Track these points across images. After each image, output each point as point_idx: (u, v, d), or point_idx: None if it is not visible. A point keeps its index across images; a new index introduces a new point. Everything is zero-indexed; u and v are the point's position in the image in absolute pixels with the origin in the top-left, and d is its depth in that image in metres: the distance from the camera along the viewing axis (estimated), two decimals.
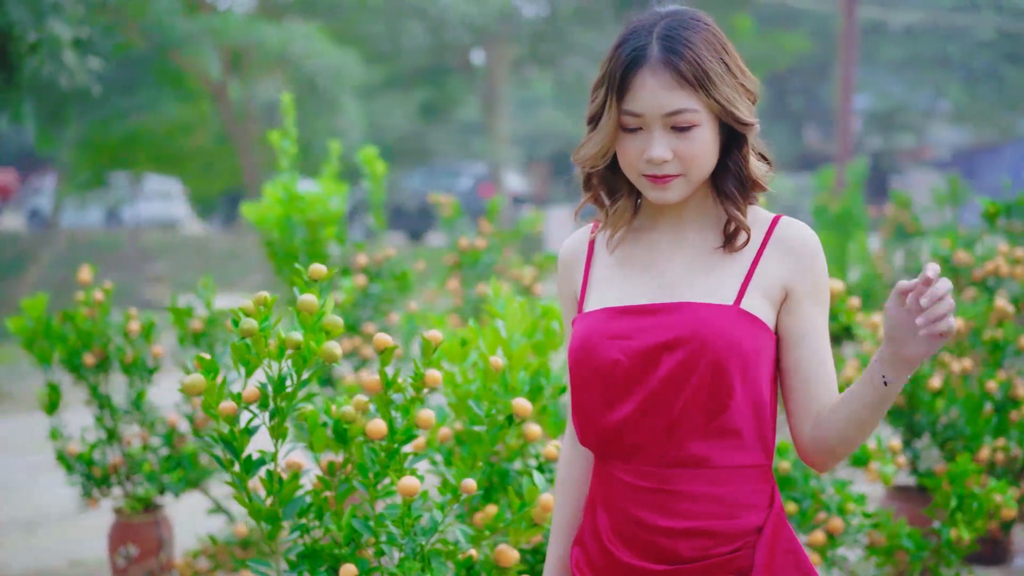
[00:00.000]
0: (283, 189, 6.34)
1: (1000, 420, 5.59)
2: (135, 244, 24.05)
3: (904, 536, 4.60)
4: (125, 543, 5.67)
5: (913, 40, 37.91)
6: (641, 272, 2.57)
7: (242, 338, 2.98)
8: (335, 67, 20.88)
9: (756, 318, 2.43)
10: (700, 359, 2.39)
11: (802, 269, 2.48)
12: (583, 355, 2.51)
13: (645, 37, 2.43)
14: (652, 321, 2.46)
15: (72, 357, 5.59)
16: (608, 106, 2.45)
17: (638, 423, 2.45)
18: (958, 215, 12.83)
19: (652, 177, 2.44)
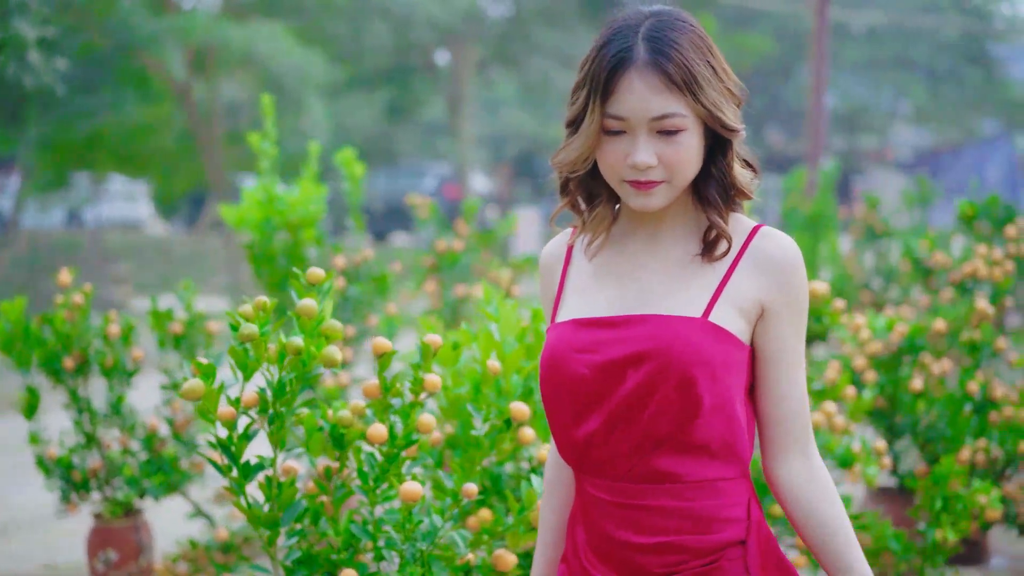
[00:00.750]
0: (263, 191, 6.30)
1: (980, 421, 5.63)
2: (97, 245, 23.87)
3: (890, 538, 4.63)
4: (104, 548, 5.63)
5: (876, 41, 38.13)
6: (614, 282, 2.51)
7: (241, 343, 2.96)
8: (300, 67, 20.82)
9: (725, 331, 2.36)
10: (665, 373, 2.33)
11: (778, 285, 2.41)
12: (551, 369, 2.47)
13: (631, 38, 2.35)
14: (617, 334, 2.41)
15: (51, 361, 5.53)
16: (591, 109, 2.37)
17: (606, 438, 2.40)
18: (926, 216, 12.89)
19: (635, 183, 2.38)
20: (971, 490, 4.55)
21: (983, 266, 6.27)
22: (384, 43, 26.03)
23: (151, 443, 5.66)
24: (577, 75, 2.43)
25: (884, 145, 42.45)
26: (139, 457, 5.69)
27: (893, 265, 10.84)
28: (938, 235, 10.03)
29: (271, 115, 6.41)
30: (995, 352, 5.98)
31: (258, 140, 6.41)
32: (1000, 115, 39.74)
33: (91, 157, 23.21)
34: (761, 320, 2.42)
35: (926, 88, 38.43)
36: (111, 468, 5.67)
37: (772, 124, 42.23)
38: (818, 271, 11.04)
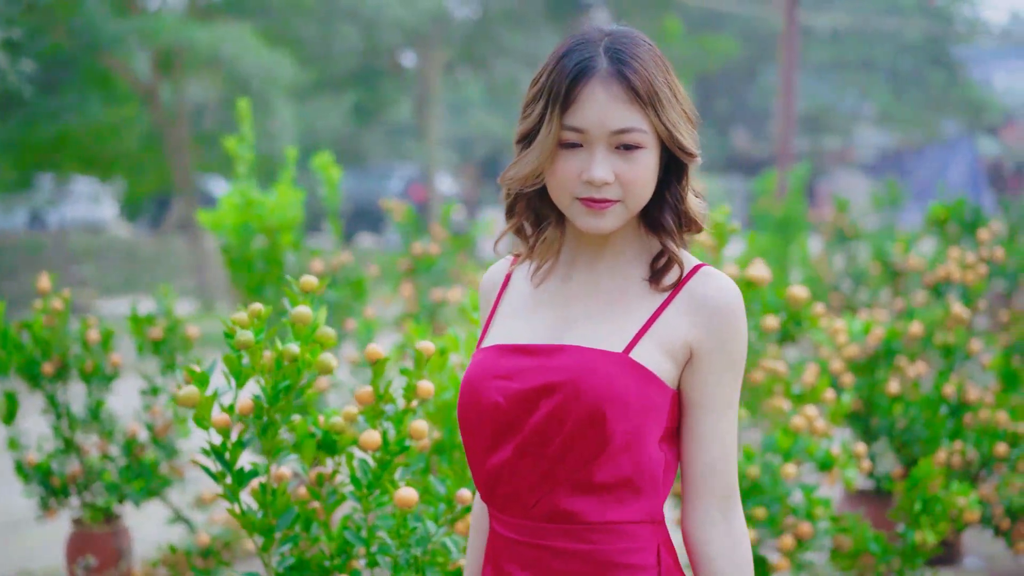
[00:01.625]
0: (240, 196, 6.30)
1: (955, 423, 5.69)
2: (60, 247, 23.73)
3: (870, 540, 4.68)
4: (84, 554, 5.61)
5: (839, 43, 38.35)
6: (546, 309, 2.42)
7: (236, 350, 2.97)
8: (267, 69, 20.76)
9: (646, 370, 2.26)
10: (574, 406, 2.23)
11: (711, 331, 2.30)
12: (468, 395, 2.38)
13: (592, 50, 2.29)
14: (535, 362, 2.32)
15: (30, 366, 5.51)
16: (547, 119, 2.27)
17: (513, 471, 2.32)
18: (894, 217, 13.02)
19: (588, 201, 2.27)
20: (950, 492, 4.60)
21: (956, 269, 6.33)
22: (352, 45, 26.02)
23: (131, 448, 5.65)
24: (530, 90, 2.34)
25: (847, 146, 42.69)
26: (118, 462, 5.68)
27: (863, 267, 10.93)
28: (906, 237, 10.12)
29: (248, 119, 6.40)
30: (968, 355, 6.06)
31: (234, 144, 6.40)
32: (962, 117, 40.03)
33: (56, 158, 23.07)
34: (689, 364, 2.31)
35: (889, 89, 38.67)
36: (90, 474, 5.65)
37: (737, 125, 42.40)
38: (788, 273, 11.11)
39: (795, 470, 4.55)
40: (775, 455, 4.62)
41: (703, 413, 2.31)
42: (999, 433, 5.44)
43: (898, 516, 4.70)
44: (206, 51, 20.00)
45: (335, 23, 25.40)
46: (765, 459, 4.60)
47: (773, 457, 4.61)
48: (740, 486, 4.47)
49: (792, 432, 4.65)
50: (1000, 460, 5.43)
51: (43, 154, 22.36)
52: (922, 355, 6.17)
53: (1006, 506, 5.27)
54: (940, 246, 8.21)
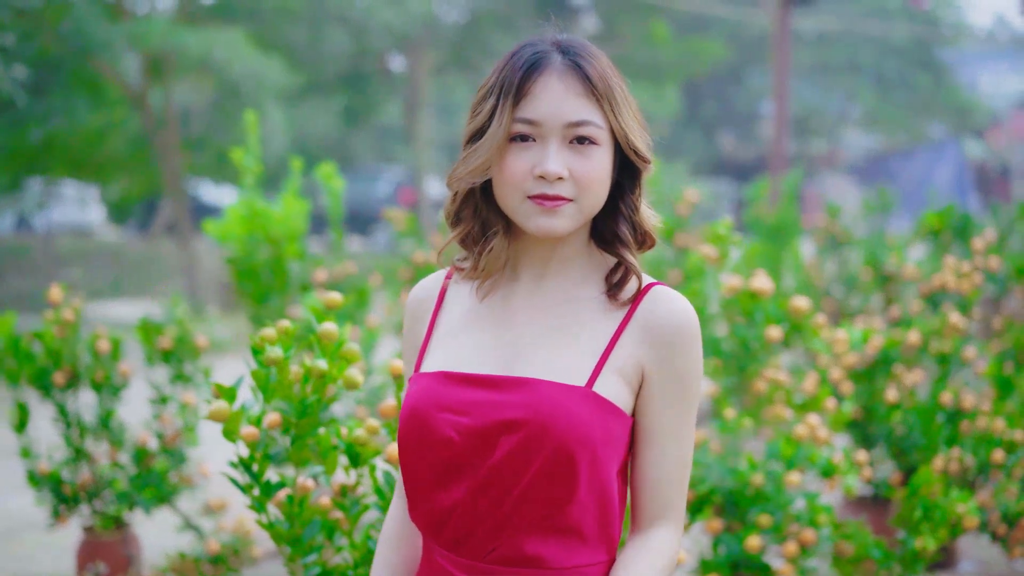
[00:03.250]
0: (246, 207, 6.38)
1: (951, 431, 5.79)
2: (47, 250, 23.74)
3: (872, 546, 4.76)
4: (94, 561, 5.68)
5: (826, 46, 38.51)
6: (492, 330, 2.31)
7: (264, 366, 3.05)
8: (257, 73, 20.80)
9: (609, 403, 2.18)
10: (540, 446, 2.13)
11: (662, 356, 2.22)
12: (413, 426, 2.25)
13: (545, 47, 2.24)
14: (492, 396, 2.20)
15: (41, 376, 5.58)
16: (499, 112, 2.20)
17: (468, 511, 2.20)
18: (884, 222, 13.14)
19: (540, 198, 2.18)
20: (949, 499, 4.69)
21: (952, 279, 6.43)
22: (341, 49, 26.06)
23: (141, 457, 5.72)
24: (479, 92, 2.28)
25: (834, 149, 42.83)
26: (128, 471, 5.75)
27: (854, 273, 11.03)
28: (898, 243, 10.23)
29: (254, 131, 6.48)
30: (963, 362, 6.16)
31: (240, 156, 6.47)
32: (948, 119, 40.22)
33: (45, 162, 23.07)
34: (641, 390, 2.23)
35: (875, 92, 38.84)
36: (100, 482, 5.72)
37: (724, 129, 42.51)
38: (782, 279, 11.19)
39: (798, 478, 4.63)
40: (778, 463, 4.70)
41: (652, 439, 2.24)
42: (996, 440, 5.52)
43: (899, 523, 4.78)
44: (196, 56, 20.03)
45: (324, 27, 25.45)
46: (769, 467, 4.69)
47: (777, 465, 4.69)
48: (744, 494, 4.58)
49: (794, 441, 4.74)
50: (997, 467, 5.51)
51: (32, 158, 22.37)
52: (919, 363, 6.27)
53: (1002, 512, 5.35)
54: (933, 254, 8.33)
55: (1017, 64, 43.71)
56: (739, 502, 4.65)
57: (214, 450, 6.93)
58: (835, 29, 37.38)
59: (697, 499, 4.66)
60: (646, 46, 32.84)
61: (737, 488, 4.64)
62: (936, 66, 39.44)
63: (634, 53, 32.88)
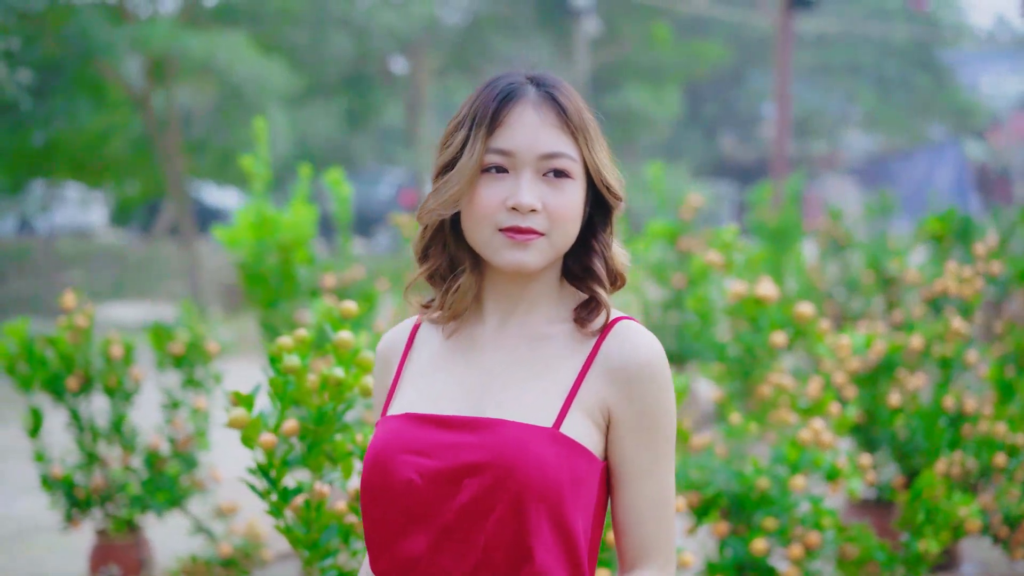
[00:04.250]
0: (255, 213, 6.44)
1: (954, 434, 5.85)
2: (48, 252, 23.79)
3: (876, 549, 4.83)
4: (107, 563, 5.75)
5: (825, 47, 38.56)
6: (459, 370, 2.25)
7: (282, 374, 3.12)
8: (260, 76, 20.87)
9: (577, 444, 2.11)
10: (505, 489, 2.07)
11: (627, 395, 2.15)
12: (375, 470, 2.18)
13: (519, 79, 2.21)
14: (456, 438, 2.14)
15: (54, 381, 5.65)
16: (471, 142, 2.15)
17: (433, 561, 2.13)
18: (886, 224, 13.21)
19: (512, 231, 2.13)
20: (952, 502, 4.75)
21: (954, 284, 6.48)
22: (343, 52, 26.13)
23: (153, 461, 5.79)
24: (450, 124, 2.23)
25: (835, 151, 42.89)
26: (140, 475, 5.82)
27: (856, 276, 11.10)
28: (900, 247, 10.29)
29: (263, 137, 6.54)
30: (965, 367, 6.22)
31: (250, 162, 6.54)
32: (948, 121, 40.26)
33: (48, 165, 23.13)
34: (610, 431, 2.17)
35: (876, 94, 38.87)
36: (112, 485, 5.79)
37: (725, 130, 42.56)
38: (784, 282, 11.25)
39: (803, 481, 4.70)
40: (783, 467, 4.77)
41: (625, 481, 2.18)
42: (998, 444, 5.58)
43: (902, 525, 4.85)
44: (199, 58, 20.10)
45: (326, 30, 25.52)
46: (774, 471, 4.75)
47: (782, 469, 4.76)
48: (750, 497, 4.64)
49: (799, 445, 4.80)
50: (998, 470, 5.57)
51: (35, 160, 22.43)
52: (921, 368, 6.32)
53: (1004, 514, 5.40)
54: (935, 258, 8.40)
55: (1017, 65, 43.76)
56: (745, 505, 4.72)
57: (225, 454, 7.00)
58: (835, 30, 37.44)
59: (703, 503, 4.73)
60: (647, 48, 32.93)
61: (743, 492, 4.70)
62: (936, 67, 39.47)
63: (635, 55, 32.98)
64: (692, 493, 4.71)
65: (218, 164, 23.24)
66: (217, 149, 22.60)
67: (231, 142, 22.09)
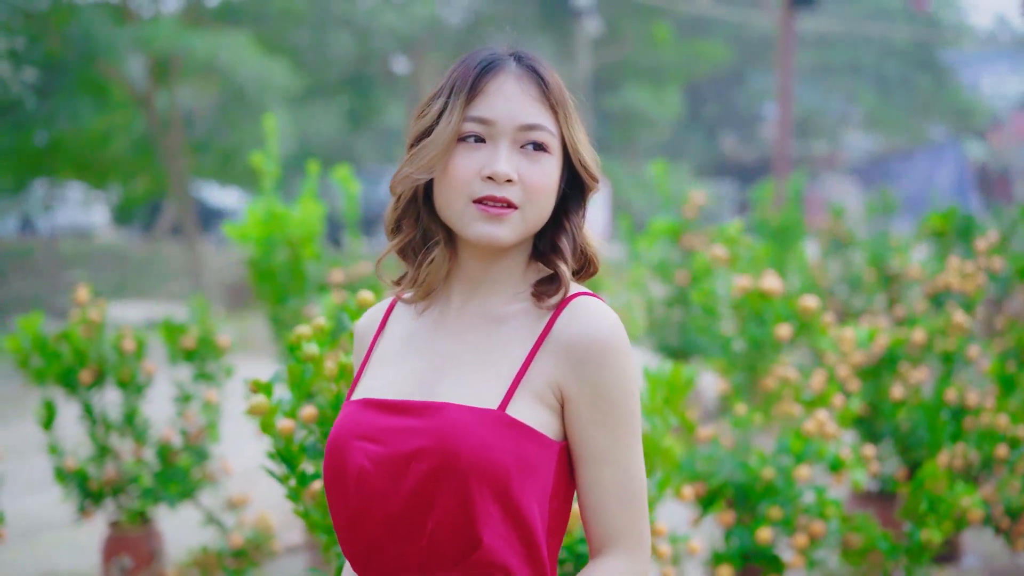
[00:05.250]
0: (264, 209, 6.51)
1: (956, 427, 5.92)
2: (50, 252, 23.84)
3: (879, 538, 4.90)
4: (119, 554, 5.82)
5: (826, 47, 38.61)
6: (418, 353, 2.21)
7: (300, 362, 3.19)
8: (263, 76, 20.93)
9: (525, 426, 2.05)
10: (448, 475, 2.02)
11: (580, 375, 2.08)
12: (332, 456, 2.15)
13: (500, 52, 2.18)
14: (404, 423, 2.09)
15: (67, 375, 5.72)
16: (448, 110, 2.12)
17: (385, 548, 2.10)
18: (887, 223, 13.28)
19: (487, 201, 2.09)
20: (954, 493, 4.82)
21: (956, 279, 6.55)
22: (345, 52, 26.21)
23: (165, 453, 5.86)
24: (428, 96, 2.21)
25: (835, 151, 42.92)
26: (152, 467, 5.89)
27: (858, 273, 11.16)
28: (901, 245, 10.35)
29: (273, 136, 6.61)
30: (967, 361, 6.28)
31: (260, 159, 6.61)
32: (949, 121, 40.31)
33: (50, 164, 23.18)
34: (565, 412, 2.10)
35: (876, 94, 38.92)
36: (125, 478, 5.85)
37: (726, 130, 42.63)
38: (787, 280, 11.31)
39: (807, 472, 4.76)
40: (788, 457, 4.83)
41: (584, 463, 2.11)
42: (999, 436, 5.64)
43: (905, 515, 4.91)
44: (202, 58, 20.16)
45: (329, 30, 25.62)
46: (779, 462, 4.82)
47: (786, 460, 4.82)
48: (755, 487, 4.71)
49: (803, 436, 4.86)
50: (1000, 462, 5.63)
51: (37, 160, 22.49)
52: (923, 362, 6.39)
53: (1006, 506, 5.46)
54: (937, 255, 8.48)
55: (1018, 65, 43.81)
56: (750, 495, 4.79)
57: (235, 447, 7.07)
58: (836, 30, 37.50)
59: (709, 492, 4.80)
60: (648, 48, 33.01)
61: (748, 482, 4.77)
62: (937, 67, 39.53)
63: (637, 55, 33.05)
64: (698, 483, 4.78)
65: (220, 164, 23.30)
66: (220, 149, 22.66)
67: (234, 142, 22.15)
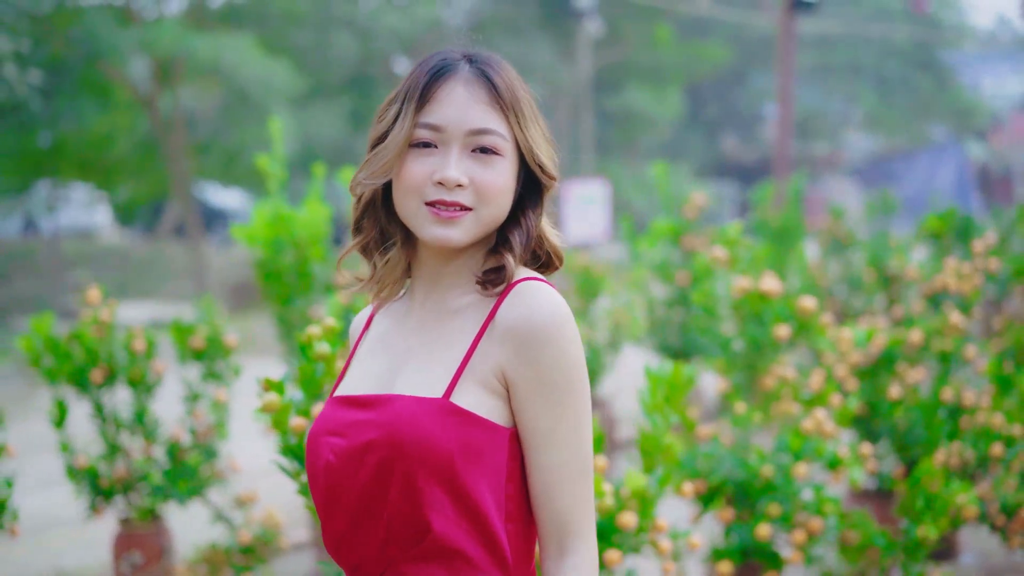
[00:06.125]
0: (272, 211, 6.59)
1: (952, 426, 6.00)
2: (53, 252, 23.92)
3: (876, 535, 4.98)
4: (129, 551, 5.91)
5: (826, 48, 38.66)
6: (384, 350, 2.26)
7: (312, 361, 3.29)
8: (266, 77, 21.01)
9: (469, 413, 2.07)
10: (397, 465, 2.05)
11: (521, 358, 2.09)
12: (308, 453, 2.22)
13: (454, 56, 2.20)
14: (363, 416, 2.14)
15: (79, 374, 5.81)
16: (402, 116, 2.15)
17: (352, 539, 2.15)
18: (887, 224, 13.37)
19: (438, 205, 2.12)
20: (950, 490, 4.90)
21: (953, 280, 6.64)
22: (347, 53, 26.30)
23: (174, 451, 5.95)
24: (387, 99, 2.24)
25: (836, 151, 42.98)
26: (162, 465, 5.98)
27: (858, 274, 11.24)
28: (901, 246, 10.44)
29: (279, 138, 6.69)
30: (964, 361, 6.37)
31: (266, 161, 6.69)
32: (950, 121, 40.36)
33: (53, 165, 23.25)
34: (511, 397, 2.11)
35: (877, 94, 38.96)
36: (135, 475, 5.94)
37: (726, 130, 42.70)
38: (787, 280, 11.40)
39: (806, 470, 4.85)
40: (787, 455, 4.92)
41: (529, 449, 2.12)
42: (995, 435, 5.71)
43: (902, 512, 5.00)
44: (206, 60, 20.23)
45: (331, 31, 25.72)
46: (778, 460, 4.90)
47: (785, 458, 4.91)
48: (754, 485, 4.80)
49: (802, 434, 4.95)
50: (995, 460, 5.70)
51: (41, 161, 22.56)
52: (921, 362, 6.47)
53: (1001, 503, 5.53)
54: (935, 256, 8.56)
55: (1019, 65, 43.87)
56: (749, 492, 4.88)
57: (243, 445, 7.16)
58: (837, 31, 37.55)
59: (709, 490, 4.89)
60: (649, 49, 33.06)
61: (747, 479, 4.86)
62: (938, 68, 39.59)
63: (637, 56, 33.11)
64: (699, 481, 4.87)
65: (223, 165, 23.38)
66: (222, 150, 22.73)
67: (236, 143, 22.24)
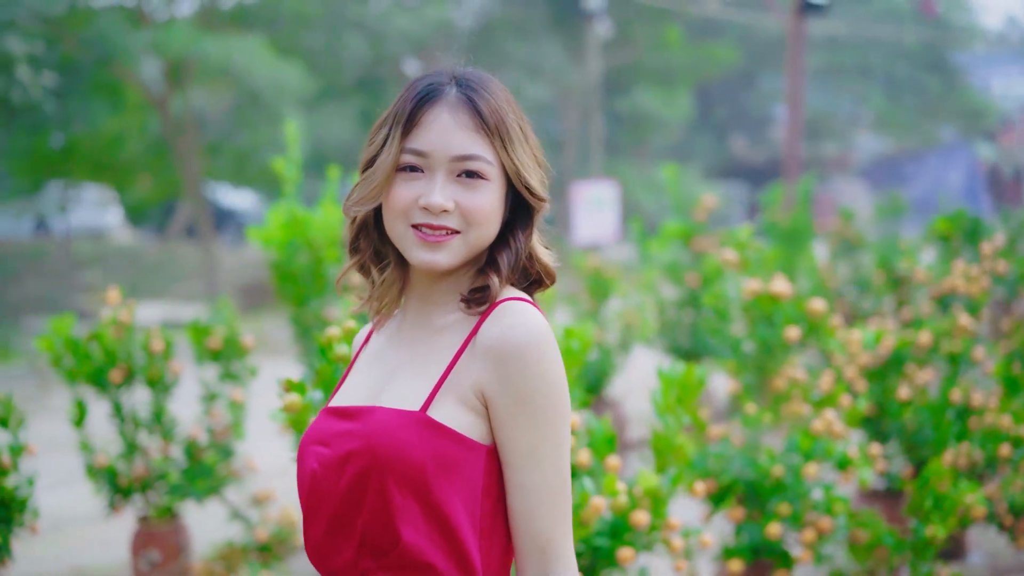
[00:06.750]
0: (287, 213, 6.66)
1: (960, 427, 6.05)
2: (65, 253, 23.99)
3: (885, 534, 5.04)
4: (148, 548, 5.98)
5: (836, 49, 38.64)
6: (374, 364, 2.30)
7: (331, 363, 3.36)
8: (277, 79, 21.08)
9: (445, 428, 2.09)
10: (372, 475, 2.08)
11: (499, 377, 2.11)
12: (298, 460, 2.25)
13: (443, 79, 2.22)
14: (345, 427, 2.17)
15: (98, 375, 5.88)
16: (389, 141, 2.17)
17: (330, 547, 2.18)
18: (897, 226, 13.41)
19: (425, 230, 2.15)
20: (958, 490, 4.95)
21: (961, 282, 6.68)
22: (358, 55, 26.37)
23: (192, 451, 6.03)
24: (379, 119, 2.26)
25: (845, 152, 42.96)
26: (179, 464, 6.06)
27: (867, 276, 11.29)
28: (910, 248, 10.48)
29: (295, 140, 6.75)
30: (972, 362, 6.42)
31: (282, 164, 6.76)
32: (959, 122, 40.31)
33: (65, 166, 23.33)
34: (490, 413, 2.13)
35: (886, 96, 38.91)
36: (153, 474, 6.01)
37: (735, 131, 42.70)
38: (797, 282, 11.46)
39: (816, 469, 4.91)
40: (797, 456, 4.98)
41: (508, 467, 2.13)
42: (1003, 436, 5.75)
43: (911, 512, 5.05)
44: (217, 62, 20.31)
45: (341, 33, 25.79)
46: (788, 460, 4.96)
47: (795, 458, 4.97)
48: (765, 484, 4.86)
49: (812, 435, 5.01)
50: (1004, 461, 5.74)
51: (53, 162, 22.65)
52: (929, 363, 6.52)
53: (1009, 504, 5.57)
54: (943, 258, 8.61)
55: None
56: (760, 492, 4.94)
57: (260, 445, 7.23)
58: (846, 32, 37.53)
59: (720, 489, 4.95)
60: (659, 50, 33.09)
61: (758, 479, 4.92)
62: (947, 69, 39.54)
63: (647, 58, 33.14)
64: (710, 480, 4.93)
65: (234, 166, 23.45)
66: (233, 151, 22.81)
67: (247, 144, 22.32)
